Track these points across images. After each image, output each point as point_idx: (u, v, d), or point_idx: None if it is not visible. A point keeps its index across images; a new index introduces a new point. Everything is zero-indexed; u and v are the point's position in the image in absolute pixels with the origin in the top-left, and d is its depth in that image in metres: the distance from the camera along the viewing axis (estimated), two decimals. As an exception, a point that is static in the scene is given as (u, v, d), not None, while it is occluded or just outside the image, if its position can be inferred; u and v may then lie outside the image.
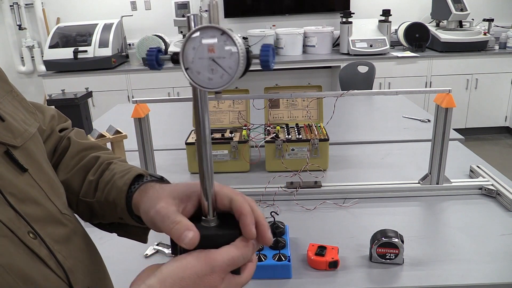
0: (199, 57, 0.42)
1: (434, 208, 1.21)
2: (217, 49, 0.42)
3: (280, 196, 1.26)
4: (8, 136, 0.49)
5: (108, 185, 0.60)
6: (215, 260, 0.45)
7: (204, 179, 0.48)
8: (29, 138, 0.53)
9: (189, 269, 0.44)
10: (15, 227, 0.44)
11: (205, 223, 0.49)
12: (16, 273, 0.41)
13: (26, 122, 0.54)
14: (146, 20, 4.38)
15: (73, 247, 0.52)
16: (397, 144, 1.69)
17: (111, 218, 0.62)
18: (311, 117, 1.57)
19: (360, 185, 1.27)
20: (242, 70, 0.42)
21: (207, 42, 0.42)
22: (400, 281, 0.91)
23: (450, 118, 1.19)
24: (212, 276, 0.45)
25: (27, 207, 0.47)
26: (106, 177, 0.61)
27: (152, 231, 0.54)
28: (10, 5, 4.25)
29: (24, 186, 0.48)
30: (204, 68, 0.42)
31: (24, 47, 4.38)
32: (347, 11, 4.12)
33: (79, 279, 0.50)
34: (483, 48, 4.01)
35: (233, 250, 0.46)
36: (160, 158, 1.44)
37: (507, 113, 4.25)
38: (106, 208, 0.60)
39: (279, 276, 0.93)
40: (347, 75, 3.59)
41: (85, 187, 0.62)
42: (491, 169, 1.38)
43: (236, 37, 0.42)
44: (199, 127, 0.47)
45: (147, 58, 0.45)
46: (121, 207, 0.57)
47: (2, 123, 0.48)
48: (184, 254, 0.46)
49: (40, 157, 0.54)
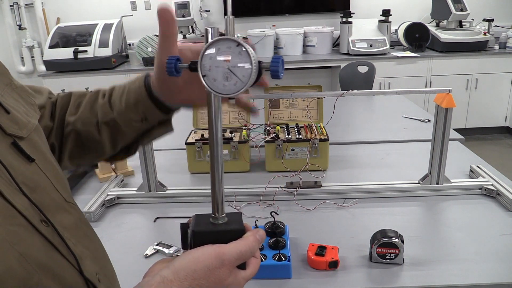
0: (216, 65, 0.47)
1: (434, 208, 1.21)
2: (232, 59, 0.46)
3: (280, 196, 1.26)
4: (14, 127, 0.50)
5: (123, 95, 0.64)
6: (224, 254, 0.49)
7: (215, 180, 0.52)
8: (33, 130, 0.54)
9: (201, 262, 0.48)
10: (30, 215, 0.45)
11: (214, 220, 0.52)
12: (34, 261, 0.42)
13: (28, 114, 0.55)
14: (146, 20, 4.39)
15: (80, 234, 0.54)
16: (397, 144, 1.69)
17: (134, 128, 0.65)
18: (311, 117, 1.57)
19: (360, 185, 1.27)
20: (254, 78, 0.47)
21: (223, 52, 0.46)
22: (400, 281, 0.91)
23: (450, 118, 1.19)
24: (221, 269, 0.48)
25: (38, 196, 0.48)
26: (117, 92, 0.66)
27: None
28: (10, 5, 4.25)
29: (33, 176, 0.49)
30: (220, 75, 0.47)
31: (24, 47, 4.38)
32: (347, 11, 4.12)
33: (88, 265, 0.51)
34: (483, 48, 4.01)
35: (241, 245, 0.50)
36: (160, 158, 1.44)
37: (507, 113, 4.25)
38: (128, 114, 0.64)
39: (279, 276, 0.93)
40: (347, 75, 3.59)
41: (100, 111, 0.66)
42: (491, 169, 1.38)
43: (249, 49, 0.46)
44: (212, 130, 0.51)
45: (167, 66, 0.49)
46: (144, 99, 0.62)
47: (7, 115, 0.49)
48: (196, 248, 0.49)
49: (44, 148, 0.55)
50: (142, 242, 1.08)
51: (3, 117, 0.49)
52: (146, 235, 1.13)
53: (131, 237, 1.13)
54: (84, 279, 0.48)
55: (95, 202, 1.24)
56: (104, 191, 1.32)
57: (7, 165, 0.45)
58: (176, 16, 3.95)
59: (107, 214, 1.25)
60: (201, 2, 4.30)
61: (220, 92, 0.47)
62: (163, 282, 0.46)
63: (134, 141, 0.69)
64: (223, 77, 0.47)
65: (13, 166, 0.46)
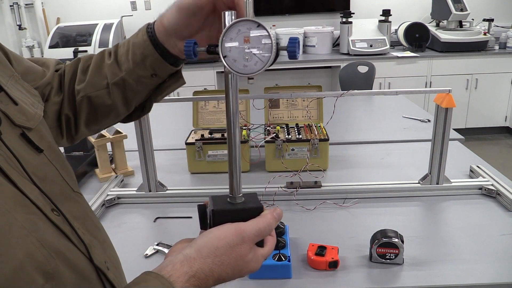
0: (236, 46, 0.48)
1: (434, 208, 1.21)
2: (252, 39, 0.48)
3: (280, 196, 1.26)
4: (22, 118, 0.50)
5: (129, 52, 0.64)
6: (244, 231, 0.51)
7: (232, 161, 0.55)
8: (39, 121, 0.55)
9: (222, 240, 0.50)
10: (42, 205, 0.45)
11: (232, 200, 0.55)
12: (50, 247, 0.42)
13: (34, 105, 0.56)
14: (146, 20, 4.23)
15: (89, 223, 0.54)
16: (397, 144, 1.69)
17: (145, 85, 0.66)
18: (311, 117, 1.57)
19: (360, 185, 1.27)
20: (273, 58, 0.49)
21: (243, 33, 0.48)
22: (400, 281, 0.91)
23: (450, 118, 1.19)
24: (242, 246, 0.51)
25: (47, 185, 0.48)
26: (122, 49, 0.66)
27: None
28: (10, 5, 4.25)
29: (42, 166, 0.50)
30: (240, 56, 0.49)
31: (24, 47, 4.38)
32: (347, 11, 4.12)
33: (97, 254, 0.51)
34: (483, 48, 4.01)
35: (260, 222, 0.53)
36: (160, 158, 1.44)
37: (507, 113, 4.25)
38: (137, 71, 0.64)
39: (279, 276, 0.93)
40: (347, 75, 3.59)
41: (109, 72, 0.66)
42: (491, 169, 1.38)
43: (269, 29, 0.48)
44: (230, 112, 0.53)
45: (185, 49, 0.51)
46: (151, 52, 0.62)
47: (16, 107, 0.50)
48: (217, 227, 0.52)
49: (50, 139, 0.56)
50: (142, 242, 1.08)
51: (12, 109, 0.49)
52: (146, 235, 1.13)
53: (131, 237, 1.13)
54: (94, 267, 0.49)
55: (95, 202, 1.24)
56: (104, 191, 1.32)
57: (18, 155, 0.45)
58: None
59: (107, 214, 1.25)
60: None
61: (240, 72, 0.49)
62: (186, 260, 0.48)
63: (148, 98, 0.70)
64: (243, 58, 0.48)
65: (23, 157, 0.47)
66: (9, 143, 0.45)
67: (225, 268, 0.50)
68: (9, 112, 0.48)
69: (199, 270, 0.49)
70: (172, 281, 0.47)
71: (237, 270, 0.52)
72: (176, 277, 0.47)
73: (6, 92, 0.49)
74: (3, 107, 0.48)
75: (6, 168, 0.43)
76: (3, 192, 0.41)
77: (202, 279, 0.49)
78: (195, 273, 0.48)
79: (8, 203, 0.41)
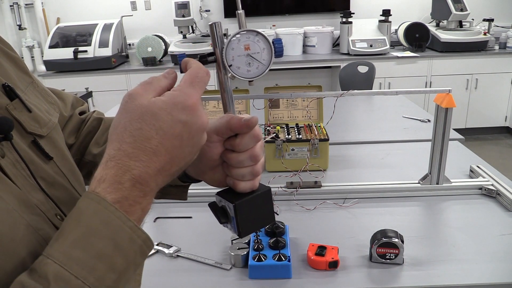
0: (238, 55, 0.53)
1: (434, 208, 1.21)
2: (252, 47, 0.52)
3: (280, 196, 1.26)
4: (35, 126, 0.51)
5: None
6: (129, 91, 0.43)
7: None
8: (53, 128, 0.55)
9: (115, 117, 0.43)
10: (45, 209, 0.46)
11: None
12: None
13: (49, 112, 0.56)
14: (146, 20, 4.38)
15: None
16: (397, 144, 1.69)
17: None
18: (311, 117, 1.57)
19: (360, 185, 1.27)
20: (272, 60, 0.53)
21: (243, 42, 0.52)
22: (400, 281, 0.91)
23: (450, 118, 1.19)
24: (135, 101, 0.41)
25: (55, 191, 0.49)
26: None
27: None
28: (10, 5, 4.25)
29: (51, 172, 0.51)
30: (243, 63, 0.53)
31: (24, 47, 4.37)
32: (347, 11, 4.12)
33: None
34: (483, 48, 4.01)
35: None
36: (160, 158, 1.44)
37: (507, 113, 4.24)
38: None
39: (279, 276, 0.93)
40: (347, 75, 3.59)
41: None
42: (491, 169, 1.38)
43: (266, 35, 0.53)
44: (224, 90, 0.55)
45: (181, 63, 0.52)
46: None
47: (29, 114, 0.51)
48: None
49: (62, 146, 0.57)
50: (142, 242, 1.08)
51: (25, 116, 0.50)
52: (146, 235, 1.13)
53: (131, 237, 1.12)
54: None
55: (95, 202, 1.24)
56: (104, 191, 1.32)
57: (27, 161, 0.46)
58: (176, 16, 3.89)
59: (107, 214, 1.24)
60: (201, 2, 4.30)
61: (245, 77, 0.53)
62: (102, 163, 0.41)
63: None
64: (246, 64, 0.53)
65: (33, 162, 0.48)
66: (19, 148, 0.46)
67: (141, 138, 0.40)
68: (22, 120, 0.49)
69: (111, 158, 0.40)
70: (98, 191, 0.40)
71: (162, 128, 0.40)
72: (96, 185, 0.40)
73: (20, 99, 0.50)
74: (17, 114, 0.49)
75: (11, 172, 0.44)
76: (11, 193, 0.43)
77: (124, 166, 0.40)
78: (108, 160, 0.40)
79: (14, 203, 0.42)
